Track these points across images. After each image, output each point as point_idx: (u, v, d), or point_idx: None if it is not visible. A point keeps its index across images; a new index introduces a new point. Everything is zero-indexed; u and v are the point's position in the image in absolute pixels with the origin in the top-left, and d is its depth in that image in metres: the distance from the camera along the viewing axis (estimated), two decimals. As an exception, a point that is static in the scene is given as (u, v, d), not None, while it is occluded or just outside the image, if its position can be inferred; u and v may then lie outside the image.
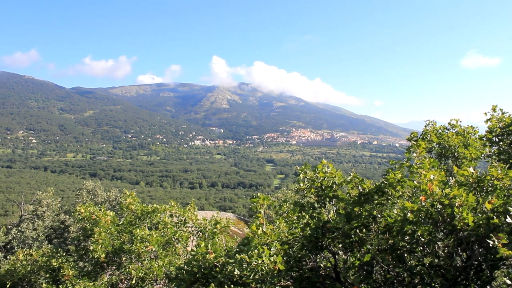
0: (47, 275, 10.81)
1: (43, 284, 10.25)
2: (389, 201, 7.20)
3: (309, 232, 7.25)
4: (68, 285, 10.12)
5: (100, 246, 10.25)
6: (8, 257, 27.99)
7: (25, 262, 11.13)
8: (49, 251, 11.36)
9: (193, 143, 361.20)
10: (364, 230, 7.05)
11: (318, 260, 7.90)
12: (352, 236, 7.01)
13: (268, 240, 6.56)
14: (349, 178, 7.66)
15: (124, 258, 10.54)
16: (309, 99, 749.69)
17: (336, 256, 7.57)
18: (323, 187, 7.59)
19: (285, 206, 8.49)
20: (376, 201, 7.22)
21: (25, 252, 11.60)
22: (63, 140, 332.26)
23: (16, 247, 29.84)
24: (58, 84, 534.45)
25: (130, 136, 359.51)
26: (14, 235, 30.78)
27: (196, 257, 7.03)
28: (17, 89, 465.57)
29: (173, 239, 11.00)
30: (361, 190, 7.34)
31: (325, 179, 7.58)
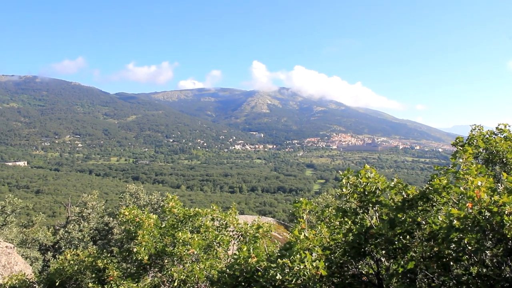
0: (93, 275, 11.08)
1: (89, 283, 10.52)
2: (434, 208, 7.04)
3: (351, 238, 7.17)
4: (112, 285, 10.34)
5: (143, 248, 10.43)
6: (56, 256, 28.94)
7: (72, 262, 11.45)
8: (95, 251, 11.65)
9: (233, 147, 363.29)
10: (408, 236, 6.91)
11: (360, 266, 7.80)
12: (396, 242, 6.88)
13: (310, 245, 6.53)
14: (393, 183, 7.54)
15: (166, 261, 10.69)
16: (349, 104, 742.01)
17: (379, 263, 7.45)
18: (366, 193, 7.49)
19: (327, 211, 8.43)
20: (420, 208, 7.07)
21: (72, 252, 11.94)
22: (107, 144, 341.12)
23: (63, 247, 30.79)
24: (102, 90, 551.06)
25: (171, 140, 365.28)
26: (62, 236, 31.76)
27: (238, 260, 7.07)
28: (65, 95, 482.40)
29: (215, 242, 11.08)
30: (405, 196, 7.21)
31: (368, 184, 7.49)
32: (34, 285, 11.88)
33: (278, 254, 6.63)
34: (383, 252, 7.15)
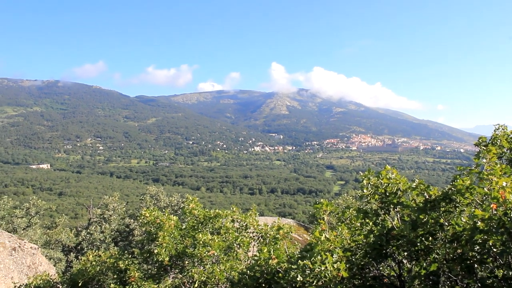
0: (115, 276, 11.17)
1: (111, 284, 10.61)
2: (457, 209, 6.92)
3: (373, 239, 7.10)
4: (134, 286, 10.42)
5: (164, 249, 10.49)
6: (79, 257, 29.32)
7: (94, 263, 11.57)
8: (116, 253, 11.75)
9: (252, 149, 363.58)
10: (430, 238, 6.81)
11: (381, 268, 7.72)
12: (418, 244, 6.79)
13: (331, 247, 6.49)
14: (414, 184, 7.45)
15: (187, 262, 10.73)
16: (369, 104, 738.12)
17: (401, 265, 7.37)
18: (387, 194, 7.42)
19: (348, 212, 8.37)
20: (443, 209, 6.97)
21: (94, 253, 12.07)
22: (128, 146, 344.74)
23: (85, 248, 31.18)
24: (123, 93, 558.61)
25: (191, 142, 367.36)
26: (84, 237, 32.17)
27: (259, 262, 7.07)
28: (86, 99, 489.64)
29: (235, 244, 11.09)
30: (427, 197, 7.12)
31: (389, 185, 7.41)
32: (58, 285, 12.04)
33: (299, 255, 6.60)
34: (405, 253, 7.07)
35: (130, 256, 11.62)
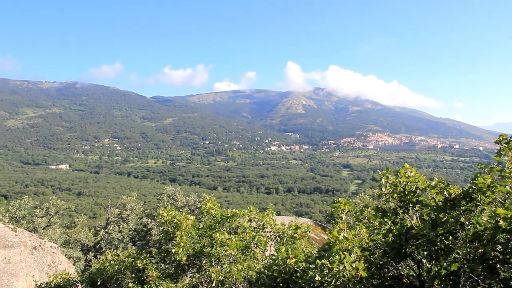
0: (133, 275, 11.23)
1: (130, 283, 10.68)
2: (477, 208, 6.80)
3: (391, 238, 7.02)
4: (152, 285, 10.46)
5: (181, 249, 10.51)
6: (97, 256, 29.61)
7: (113, 262, 11.64)
8: (134, 252, 11.82)
9: (269, 148, 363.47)
10: (450, 237, 6.70)
11: (400, 268, 7.63)
12: (438, 243, 6.69)
13: (349, 246, 6.42)
14: (433, 183, 7.35)
15: (204, 261, 10.74)
16: (385, 103, 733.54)
17: (420, 265, 7.27)
18: (406, 192, 7.32)
19: (366, 211, 8.29)
20: (463, 207, 6.85)
21: (113, 252, 12.16)
22: (145, 147, 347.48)
23: (104, 248, 31.49)
24: (139, 94, 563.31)
25: (207, 142, 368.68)
26: (102, 236, 32.49)
27: (276, 261, 7.03)
28: (103, 100, 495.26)
29: (252, 243, 11.08)
30: (446, 196, 7.01)
31: (408, 184, 7.32)
32: (77, 284, 12.15)
33: (317, 255, 6.55)
34: (425, 253, 6.97)
35: (147, 256, 11.69)
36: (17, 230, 16.24)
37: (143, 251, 12.13)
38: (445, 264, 6.58)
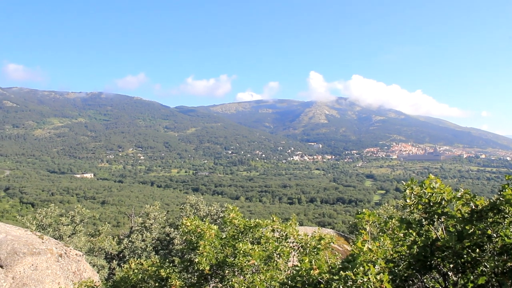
0: (156, 284, 11.29)
1: (153, 292, 10.74)
2: (505, 220, 6.67)
3: (416, 250, 6.93)
4: (175, 295, 10.51)
5: (204, 258, 10.53)
6: (121, 265, 29.86)
7: (136, 271, 11.74)
8: (157, 261, 11.89)
9: (291, 158, 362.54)
10: (477, 250, 6.58)
11: (425, 280, 7.51)
12: (464, 256, 6.58)
13: (373, 258, 6.35)
14: (459, 194, 7.24)
15: (227, 271, 10.74)
16: (409, 112, 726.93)
17: (446, 277, 7.14)
18: (431, 204, 7.23)
19: (390, 222, 8.20)
20: (490, 219, 6.72)
21: (136, 261, 12.25)
22: (168, 156, 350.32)
23: (127, 256, 31.73)
24: (163, 104, 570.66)
25: (230, 152, 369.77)
26: (126, 245, 32.74)
27: (300, 272, 7.00)
28: (128, 110, 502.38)
29: (275, 254, 11.04)
30: (473, 207, 6.89)
31: (433, 195, 7.23)
32: (101, 292, 12.28)
33: (340, 266, 6.50)
34: (451, 266, 6.85)
35: (170, 265, 11.75)
36: (44, 237, 16.52)
37: (166, 260, 12.19)
38: (472, 277, 6.46)
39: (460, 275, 6.87)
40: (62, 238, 28.23)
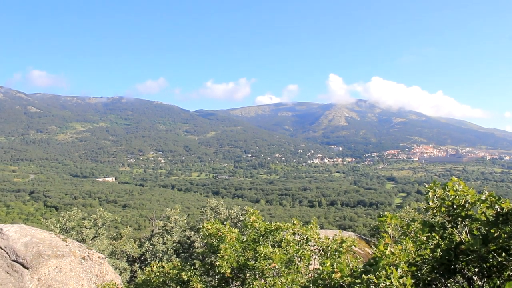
0: (177, 287, 11.35)
1: (174, 295, 10.79)
2: (532, 223, 6.53)
3: (440, 253, 6.82)
4: (196, 297, 10.54)
5: (225, 261, 10.55)
6: (143, 267, 30.09)
7: (158, 274, 11.82)
8: (179, 264, 11.95)
9: (311, 161, 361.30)
10: (503, 254, 6.45)
11: (449, 284, 7.40)
12: (490, 260, 6.45)
13: (396, 261, 6.27)
14: (484, 196, 7.11)
15: (248, 274, 10.74)
16: (430, 114, 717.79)
17: (471, 282, 7.02)
18: (455, 206, 7.12)
19: (412, 225, 8.09)
20: (516, 223, 6.59)
21: (158, 264, 12.34)
22: (188, 160, 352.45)
23: (148, 259, 31.96)
24: (183, 108, 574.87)
25: (250, 155, 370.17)
26: (147, 248, 32.96)
27: (322, 275, 6.95)
28: (148, 114, 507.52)
29: (296, 257, 11.00)
30: (498, 210, 6.76)
31: (457, 197, 7.11)
32: (124, 295, 12.39)
33: (362, 269, 6.44)
34: (476, 270, 6.73)
35: (191, 268, 11.79)
36: (67, 240, 16.76)
37: (187, 263, 12.25)
38: (498, 282, 6.33)
39: (485, 279, 6.75)
40: (84, 241, 28.57)
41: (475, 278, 6.94)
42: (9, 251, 14.89)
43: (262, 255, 10.26)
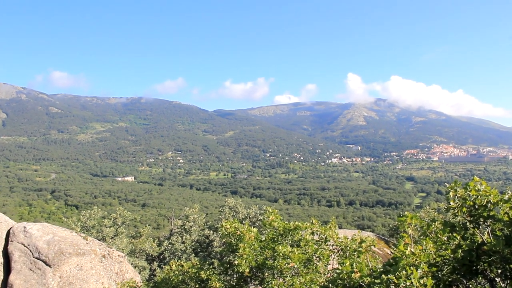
0: (196, 286, 11.40)
1: (193, 294, 10.85)
2: (557, 223, 6.40)
3: (461, 254, 6.73)
4: (215, 296, 10.58)
5: (244, 261, 10.57)
6: (162, 266, 30.33)
7: (177, 272, 11.90)
8: (197, 263, 12.00)
9: (330, 161, 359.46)
10: (527, 255, 6.34)
11: (471, 286, 7.29)
12: (513, 261, 6.34)
13: (416, 261, 6.21)
14: (507, 196, 6.99)
15: (266, 274, 10.74)
16: (450, 113, 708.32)
17: (494, 283, 6.91)
18: (476, 206, 7.01)
19: (433, 225, 8.00)
20: (541, 223, 6.47)
21: (177, 263, 12.41)
22: (207, 159, 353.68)
23: (167, 258, 32.20)
24: (201, 108, 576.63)
25: (268, 155, 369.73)
26: (166, 247, 33.21)
27: (341, 275, 6.92)
28: (167, 114, 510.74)
29: (314, 256, 10.97)
30: (522, 210, 6.64)
31: (478, 197, 7.01)
32: (143, 293, 12.50)
33: (382, 269, 6.39)
34: (499, 271, 6.62)
35: (210, 267, 11.84)
36: (88, 238, 16.98)
37: (206, 262, 12.30)
38: (521, 283, 6.23)
39: (508, 281, 6.64)
40: (105, 239, 28.90)
41: (497, 279, 6.83)
42: (32, 248, 15.16)
43: (281, 254, 10.26)
